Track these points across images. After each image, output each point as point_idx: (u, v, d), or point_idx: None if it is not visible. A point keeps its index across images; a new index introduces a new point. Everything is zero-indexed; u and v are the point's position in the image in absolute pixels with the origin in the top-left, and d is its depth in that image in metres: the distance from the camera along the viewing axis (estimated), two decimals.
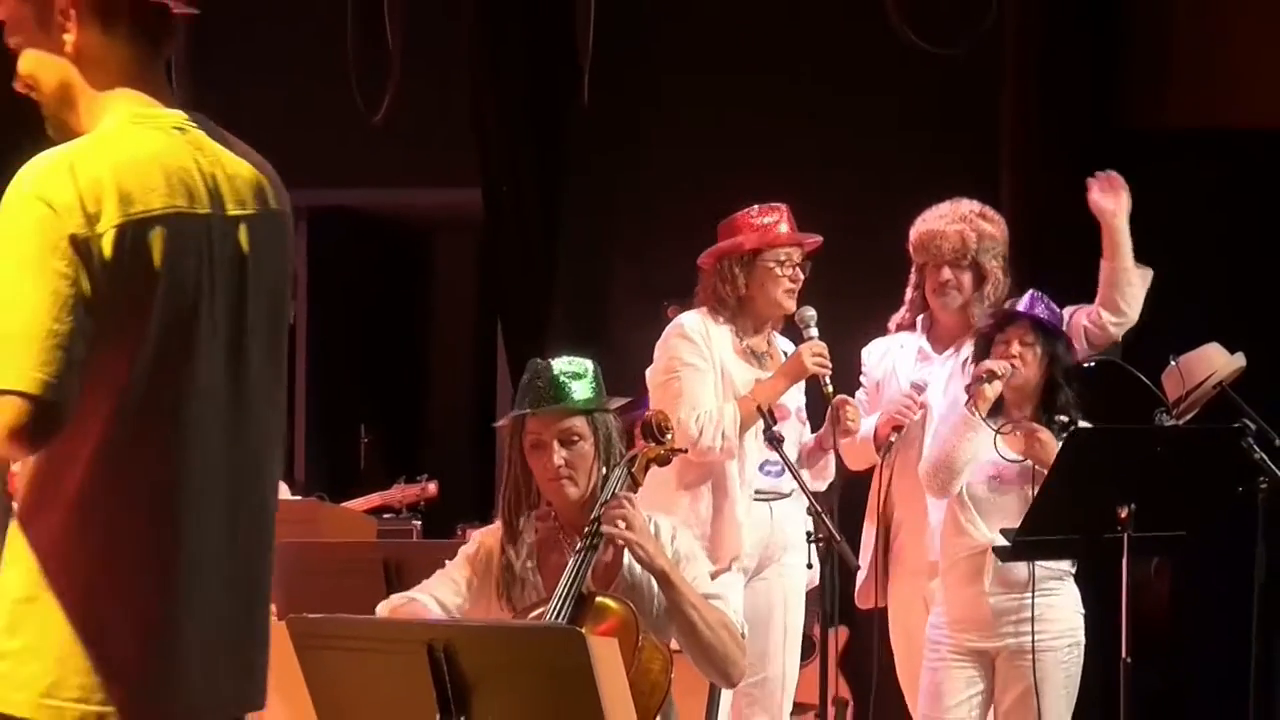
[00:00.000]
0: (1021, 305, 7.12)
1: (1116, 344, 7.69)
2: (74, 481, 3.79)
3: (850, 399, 7.24)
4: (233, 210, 3.95)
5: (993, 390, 6.91)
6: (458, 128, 12.24)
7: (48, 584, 3.79)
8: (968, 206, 7.45)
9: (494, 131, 12.32)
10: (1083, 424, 6.98)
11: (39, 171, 3.75)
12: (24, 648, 3.78)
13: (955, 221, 7.40)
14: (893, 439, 7.36)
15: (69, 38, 3.87)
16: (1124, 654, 6.70)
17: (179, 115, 3.95)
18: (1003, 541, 6.79)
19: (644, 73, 11.77)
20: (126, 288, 3.74)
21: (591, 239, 11.95)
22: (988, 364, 6.91)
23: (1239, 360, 8.09)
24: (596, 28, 11.52)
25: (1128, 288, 7.36)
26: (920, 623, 7.27)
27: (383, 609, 5.84)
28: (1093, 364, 7.80)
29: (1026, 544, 6.78)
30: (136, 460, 3.81)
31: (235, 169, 3.98)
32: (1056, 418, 6.97)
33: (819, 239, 7.39)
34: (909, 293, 7.59)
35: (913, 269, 7.57)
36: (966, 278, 7.33)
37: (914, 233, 7.49)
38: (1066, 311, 7.44)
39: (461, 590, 5.87)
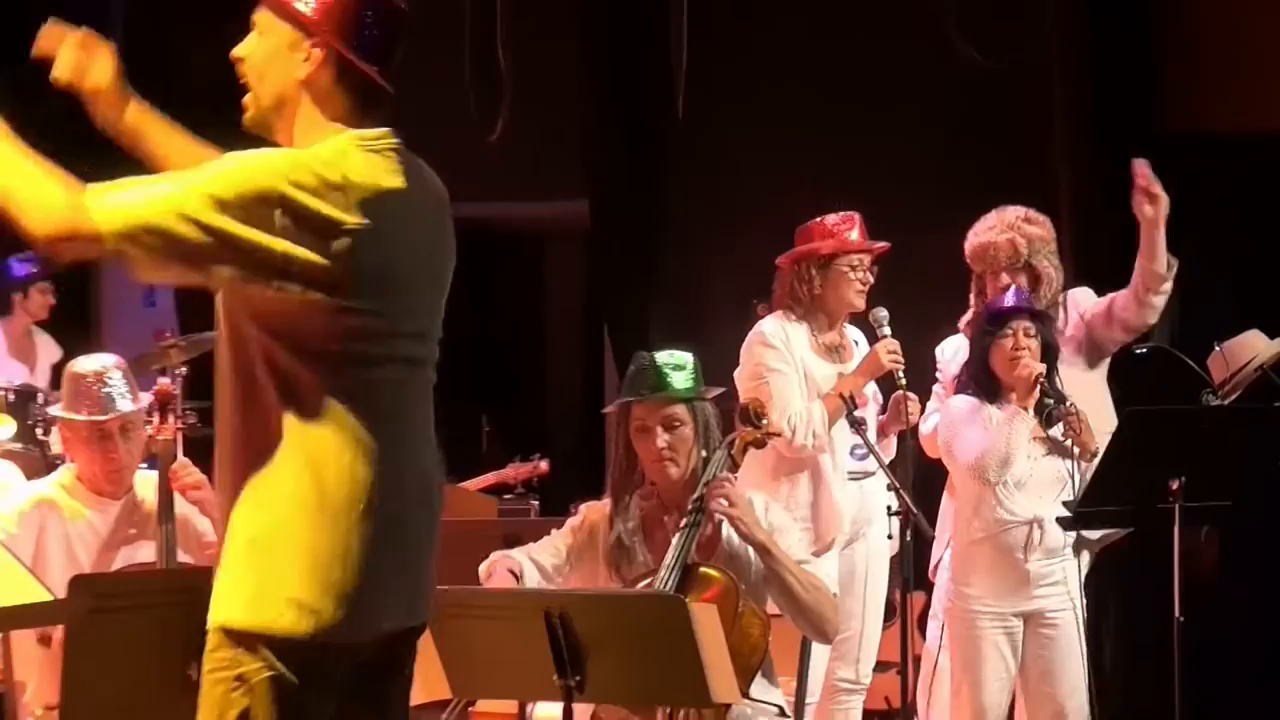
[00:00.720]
0: (1008, 300, 7.08)
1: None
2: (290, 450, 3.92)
3: (912, 395, 7.23)
4: (440, 216, 4.17)
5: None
6: (565, 144, 12.28)
7: (278, 525, 3.90)
8: (1013, 213, 7.42)
9: (598, 146, 12.38)
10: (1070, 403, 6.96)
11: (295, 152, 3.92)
12: (263, 575, 3.89)
13: (1005, 230, 7.36)
14: None
15: (306, 69, 4.00)
16: (1177, 613, 6.68)
17: (387, 135, 4.09)
18: (1060, 513, 6.79)
19: (731, 88, 11.75)
20: (372, 273, 3.90)
21: (687, 242, 11.95)
22: (1035, 366, 6.87)
23: (1278, 345, 8.07)
24: (689, 48, 11.63)
25: (1161, 286, 7.32)
26: None
27: (483, 566, 5.86)
28: (1145, 350, 7.79)
29: (1087, 514, 6.77)
30: (338, 428, 3.91)
31: (432, 185, 4.19)
32: (1047, 398, 6.94)
33: (887, 245, 7.40)
34: (972, 299, 7.56)
35: (973, 276, 7.54)
36: (1023, 280, 7.30)
37: (968, 246, 7.46)
38: (1102, 301, 7.44)
39: (561, 555, 5.90)
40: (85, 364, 6.25)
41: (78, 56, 4.26)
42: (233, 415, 3.97)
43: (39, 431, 9.34)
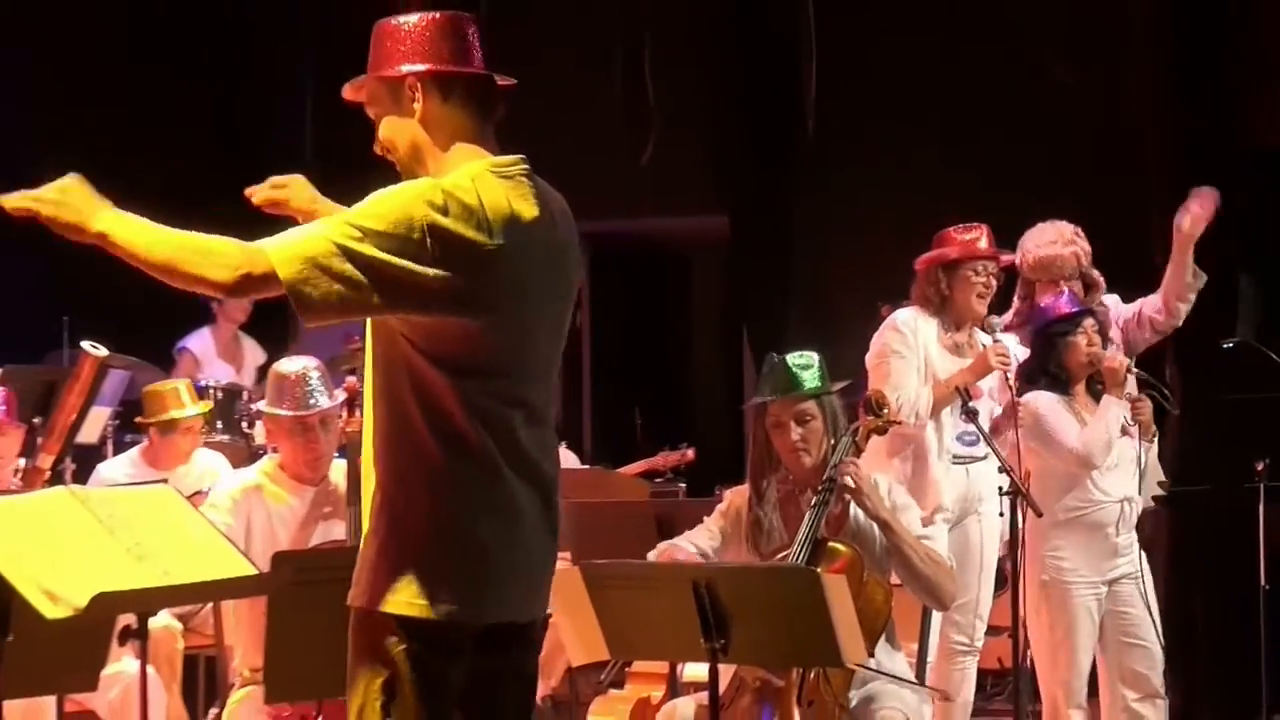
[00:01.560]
0: (1063, 301, 7.07)
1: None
2: (427, 456, 3.92)
3: (1023, 401, 7.20)
4: (563, 235, 4.08)
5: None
6: (707, 165, 12.32)
7: (408, 523, 3.93)
8: (1069, 229, 7.41)
9: (736, 167, 12.41)
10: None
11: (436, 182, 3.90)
12: (395, 566, 3.92)
13: (1067, 244, 7.36)
14: None
15: (416, 107, 3.98)
16: (1262, 582, 6.66)
17: (520, 161, 4.05)
18: (1158, 490, 6.77)
19: (856, 109, 11.78)
20: (501, 291, 3.89)
21: (817, 251, 11.94)
22: (1121, 359, 6.89)
23: None
24: (817, 75, 11.72)
25: (1188, 295, 7.33)
26: None
27: (654, 554, 5.90)
28: (1231, 344, 7.74)
29: (1181, 493, 6.75)
30: (470, 437, 3.90)
31: (556, 206, 4.09)
32: (1098, 385, 6.94)
33: (1012, 256, 7.37)
34: (1016, 303, 7.53)
35: (1021, 282, 7.52)
36: (1077, 287, 7.31)
37: (1030, 256, 7.42)
38: (1132, 306, 7.48)
39: (716, 537, 5.93)
40: (288, 365, 6.33)
41: (272, 196, 4.35)
42: (377, 423, 3.99)
43: (244, 425, 9.47)
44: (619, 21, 12.29)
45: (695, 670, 6.24)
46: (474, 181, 3.89)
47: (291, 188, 4.38)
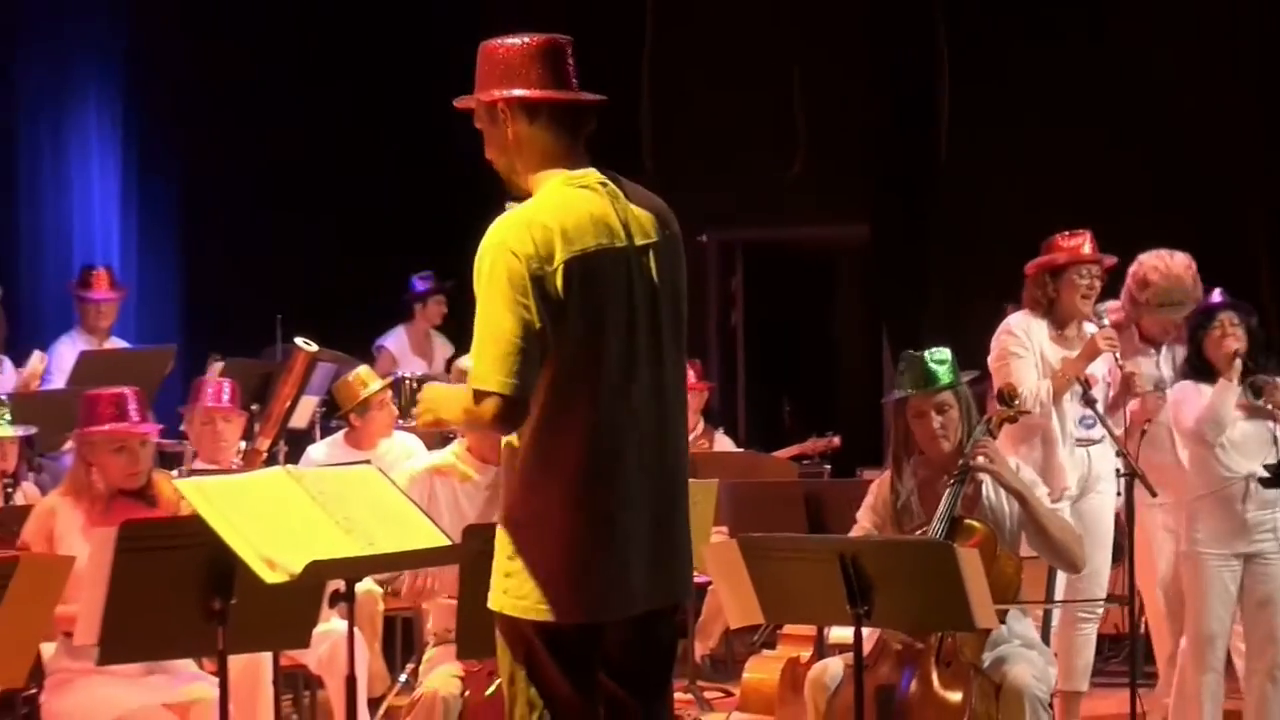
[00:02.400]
0: (1216, 298, 7.02)
1: None
2: (524, 452, 3.99)
3: (1133, 369, 7.12)
4: (640, 240, 4.05)
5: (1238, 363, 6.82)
6: (851, 179, 12.28)
7: (522, 532, 4.01)
8: (1185, 256, 7.29)
9: (877, 180, 12.38)
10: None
11: (506, 228, 3.94)
12: (519, 570, 3.99)
13: (1187, 269, 7.25)
14: None
15: (509, 129, 4.03)
16: None
17: (596, 174, 4.06)
18: (1263, 473, 6.66)
19: (985, 127, 11.74)
20: (572, 305, 3.91)
21: (949, 257, 11.90)
22: (1233, 344, 6.77)
23: None
24: (950, 95, 11.73)
25: None
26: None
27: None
28: None
29: None
30: (567, 432, 3.96)
31: (639, 209, 4.08)
32: (1252, 373, 6.83)
33: (1114, 259, 7.27)
34: (1126, 308, 7.42)
35: (1131, 289, 7.39)
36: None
37: (1156, 275, 7.27)
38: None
39: (873, 521, 5.91)
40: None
41: None
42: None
43: None
44: (772, 51, 12.30)
45: (841, 633, 6.22)
46: (548, 199, 3.97)
47: None
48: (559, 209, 3.95)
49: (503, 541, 4.05)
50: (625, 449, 4.01)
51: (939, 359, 5.88)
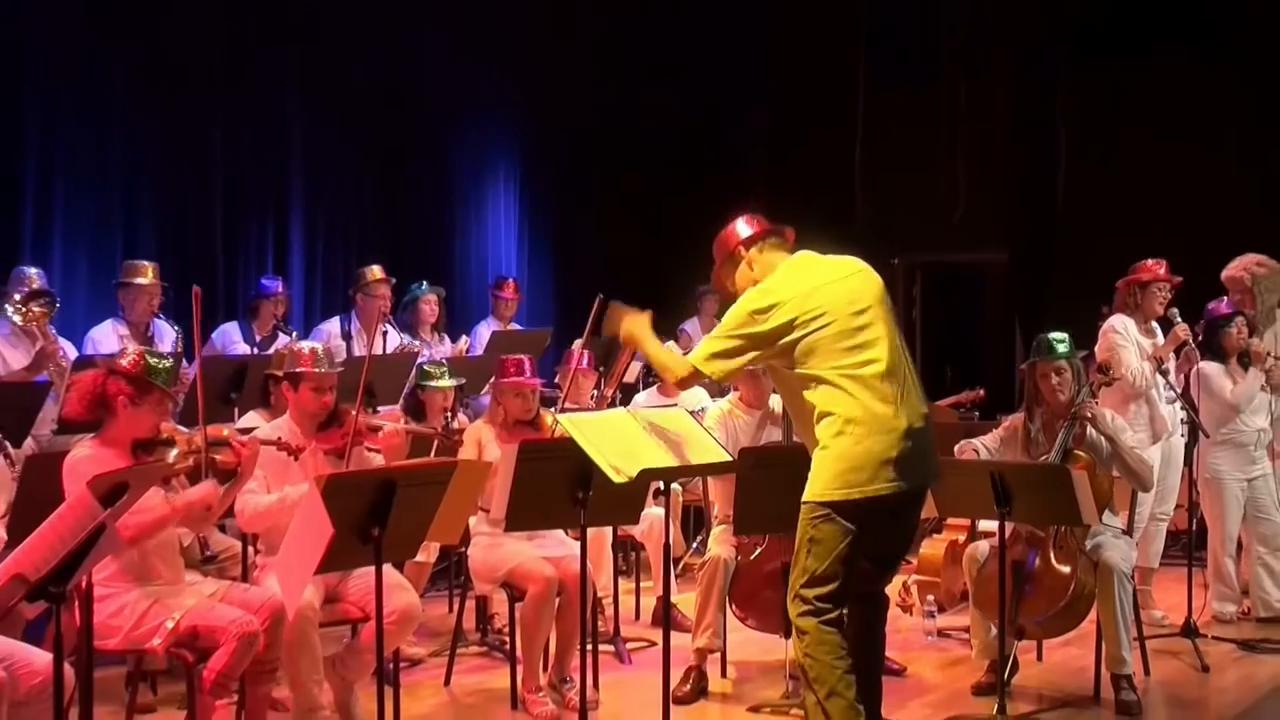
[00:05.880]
0: (1224, 305, 6.87)
1: None
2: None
3: (1194, 350, 6.87)
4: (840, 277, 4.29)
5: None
6: (995, 215, 12.06)
7: (821, 446, 4.12)
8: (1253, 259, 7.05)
9: (1014, 214, 12.14)
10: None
11: (760, 289, 4.26)
12: (820, 470, 4.12)
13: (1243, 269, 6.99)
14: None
15: (746, 265, 4.39)
16: None
17: (807, 254, 4.36)
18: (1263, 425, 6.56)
19: (1099, 170, 11.52)
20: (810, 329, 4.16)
21: (1067, 273, 11.56)
22: (1258, 347, 6.74)
23: None
24: (1065, 166, 11.35)
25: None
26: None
27: (957, 447, 5.74)
28: None
29: None
30: (838, 402, 4.13)
31: (838, 266, 4.32)
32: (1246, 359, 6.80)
33: (1180, 279, 6.97)
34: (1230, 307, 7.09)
35: (1238, 290, 7.07)
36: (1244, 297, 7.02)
37: (1252, 274, 7.00)
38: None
39: (996, 442, 5.76)
40: None
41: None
42: (794, 406, 4.27)
43: None
44: (940, 131, 12.11)
45: (987, 524, 6.11)
46: (771, 278, 4.27)
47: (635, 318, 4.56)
48: (780, 275, 4.32)
49: (817, 453, 4.15)
50: (908, 395, 4.26)
51: (1059, 338, 5.74)
